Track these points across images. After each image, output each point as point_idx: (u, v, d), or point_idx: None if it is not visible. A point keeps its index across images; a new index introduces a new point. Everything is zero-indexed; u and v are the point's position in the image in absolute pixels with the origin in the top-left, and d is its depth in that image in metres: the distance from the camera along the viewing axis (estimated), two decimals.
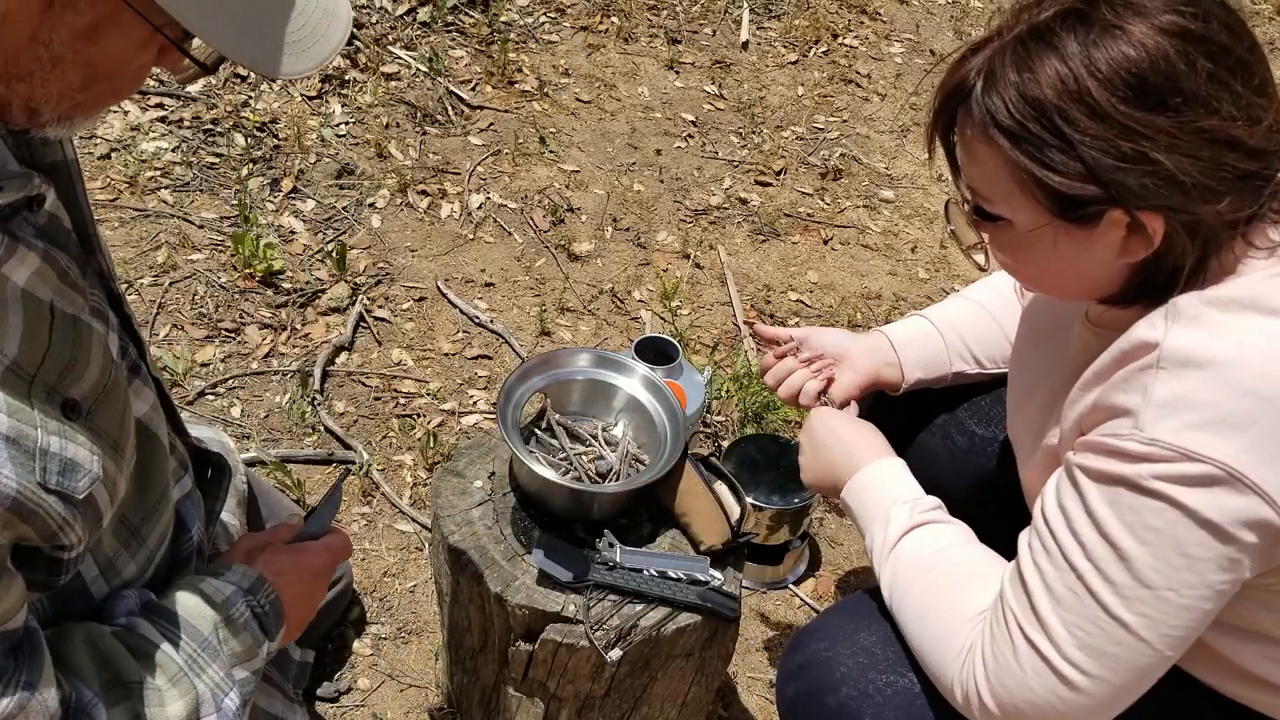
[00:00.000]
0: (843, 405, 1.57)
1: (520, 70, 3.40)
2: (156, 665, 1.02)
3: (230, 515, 1.44)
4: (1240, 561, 1.05)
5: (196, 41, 0.88)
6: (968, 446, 1.64)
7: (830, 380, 1.58)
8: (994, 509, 1.41)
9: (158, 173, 2.83)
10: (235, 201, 2.76)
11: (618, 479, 1.55)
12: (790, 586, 2.19)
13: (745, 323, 2.76)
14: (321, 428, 2.33)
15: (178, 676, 1.03)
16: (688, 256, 2.91)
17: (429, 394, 2.45)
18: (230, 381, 2.40)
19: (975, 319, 1.63)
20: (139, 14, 0.83)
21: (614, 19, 3.69)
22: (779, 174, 3.24)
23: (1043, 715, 1.13)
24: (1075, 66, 1.02)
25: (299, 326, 2.54)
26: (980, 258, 1.22)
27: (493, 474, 1.60)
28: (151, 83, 3.00)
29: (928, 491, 1.37)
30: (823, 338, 1.62)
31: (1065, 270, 1.14)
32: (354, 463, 2.25)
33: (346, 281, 2.64)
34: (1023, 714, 1.14)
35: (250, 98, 3.07)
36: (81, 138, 2.81)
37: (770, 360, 1.63)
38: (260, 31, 0.85)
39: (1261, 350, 1.03)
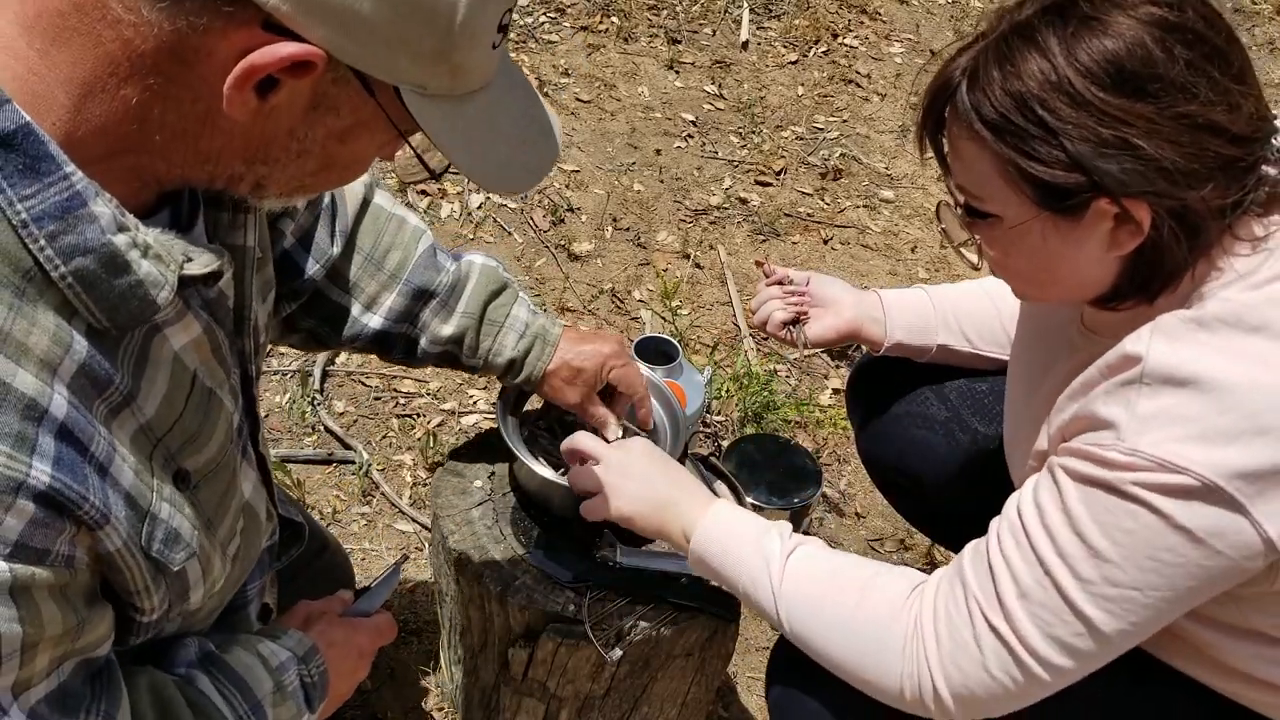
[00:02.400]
0: (817, 347, 1.60)
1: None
2: None
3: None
4: (1210, 569, 1.05)
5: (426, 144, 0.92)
6: (970, 444, 1.64)
7: (802, 315, 1.61)
8: (997, 505, 1.41)
9: None
10: None
11: None
12: None
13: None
14: (321, 427, 2.33)
15: None
16: (688, 256, 2.91)
17: (429, 394, 2.45)
18: None
19: (972, 298, 1.65)
20: (393, 124, 0.85)
21: (614, 19, 3.69)
22: (779, 174, 3.24)
23: (994, 697, 1.15)
24: (1056, 59, 1.04)
25: None
26: (973, 256, 1.23)
27: (493, 474, 1.60)
28: None
29: (930, 487, 1.37)
30: (821, 283, 1.65)
31: (1056, 265, 1.15)
32: (353, 461, 2.25)
33: None
34: (975, 696, 1.15)
35: None
36: None
37: (762, 288, 1.66)
38: (500, 158, 0.92)
39: (1243, 369, 1.04)
